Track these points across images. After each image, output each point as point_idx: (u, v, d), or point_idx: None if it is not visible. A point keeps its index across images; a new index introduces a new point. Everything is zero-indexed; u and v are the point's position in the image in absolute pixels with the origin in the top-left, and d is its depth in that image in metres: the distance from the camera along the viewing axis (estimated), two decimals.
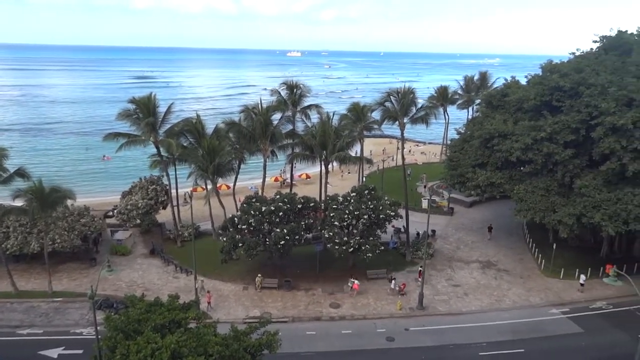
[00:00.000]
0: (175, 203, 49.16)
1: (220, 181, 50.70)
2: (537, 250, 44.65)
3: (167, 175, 47.22)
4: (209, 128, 48.37)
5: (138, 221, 48.22)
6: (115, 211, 49.70)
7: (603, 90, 36.82)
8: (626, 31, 44.45)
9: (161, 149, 45.80)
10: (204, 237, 48.48)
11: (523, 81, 48.54)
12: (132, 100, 45.46)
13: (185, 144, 47.45)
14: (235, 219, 38.82)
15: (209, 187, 47.75)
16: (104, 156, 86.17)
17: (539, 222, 40.36)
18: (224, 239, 38.65)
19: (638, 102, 34.82)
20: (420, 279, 38.81)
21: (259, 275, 38.25)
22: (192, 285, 35.73)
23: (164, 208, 50.55)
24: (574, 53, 47.55)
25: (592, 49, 46.31)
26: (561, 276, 39.88)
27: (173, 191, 48.71)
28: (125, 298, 25.23)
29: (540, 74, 44.59)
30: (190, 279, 37.71)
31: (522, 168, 41.99)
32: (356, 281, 38.09)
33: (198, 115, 48.57)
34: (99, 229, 44.70)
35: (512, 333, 32.50)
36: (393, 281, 38.59)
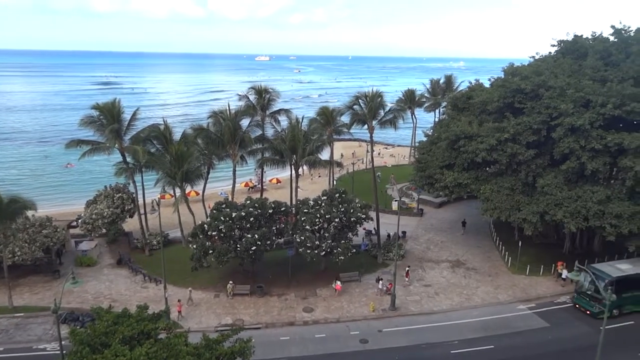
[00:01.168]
0: (142, 211, 48.05)
1: (188, 188, 49.86)
2: (503, 248, 45.89)
3: (134, 182, 46.12)
4: (177, 134, 47.58)
5: (104, 231, 46.85)
6: (79, 221, 48.10)
7: (562, 92, 38.24)
8: (581, 36, 46.34)
9: (127, 156, 44.72)
10: (173, 245, 47.58)
11: (487, 84, 49.88)
12: (96, 107, 44.27)
13: (152, 151, 46.47)
14: (205, 225, 38.24)
15: (178, 194, 46.91)
16: (67, 164, 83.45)
17: (504, 220, 41.46)
18: (194, 246, 38.00)
19: (594, 104, 36.30)
20: (407, 279, 39.96)
21: (231, 282, 37.78)
22: (162, 295, 34.92)
23: (131, 216, 49.31)
24: (533, 57, 49.19)
25: (550, 52, 48.04)
26: (527, 273, 41.09)
27: (140, 199, 47.60)
28: (91, 310, 24.39)
29: (503, 77, 45.95)
30: (160, 288, 36.86)
31: (487, 168, 43.09)
32: (339, 282, 38.40)
33: (165, 121, 47.71)
34: (62, 240, 43.12)
35: (482, 330, 33.24)
36: (380, 281, 39.04)
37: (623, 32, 41.85)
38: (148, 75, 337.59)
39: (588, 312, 34.55)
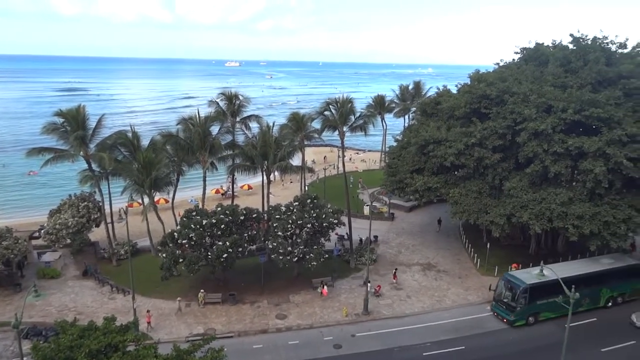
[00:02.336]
0: (109, 220, 46.77)
1: (157, 195, 48.95)
2: (472, 250, 46.86)
3: (100, 191, 44.88)
4: (145, 141, 46.63)
5: (68, 241, 45.38)
6: (42, 231, 46.42)
7: (525, 98, 39.53)
8: (543, 43, 48.10)
9: (92, 164, 43.48)
10: (142, 255, 46.47)
11: (454, 90, 51.05)
12: (59, 113, 42.91)
13: (119, 158, 45.36)
14: (175, 233, 37.55)
15: (146, 201, 45.90)
16: (30, 171, 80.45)
17: (473, 223, 42.41)
18: (164, 255, 37.21)
19: (556, 109, 37.65)
20: (395, 280, 40.62)
21: (202, 290, 37.15)
22: (130, 306, 34.00)
23: (97, 226, 47.93)
24: (498, 63, 50.76)
25: (514, 59, 49.64)
26: (495, 273, 42.01)
27: (107, 207, 46.33)
28: (55, 324, 23.52)
29: (469, 83, 47.15)
30: (128, 299, 35.92)
31: (456, 172, 43.99)
32: (325, 287, 38.50)
33: (132, 128, 46.69)
34: (24, 251, 41.35)
35: (453, 331, 33.76)
36: (369, 284, 39.09)
37: (581, 40, 43.67)
38: (115, 81, 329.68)
39: (505, 320, 34.47)
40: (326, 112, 46.07)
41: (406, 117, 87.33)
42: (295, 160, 55.01)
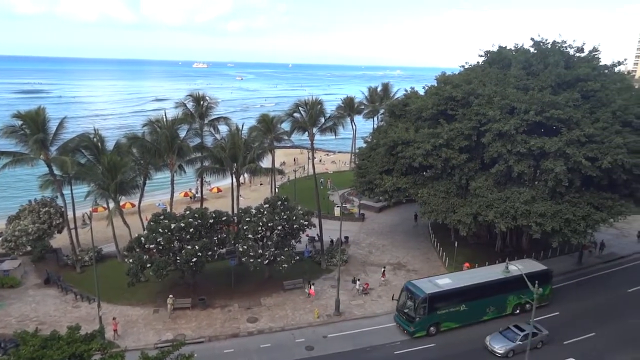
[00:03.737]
0: (72, 226, 45.29)
1: (123, 199, 47.69)
2: (441, 249, 47.75)
3: (62, 195, 43.41)
4: (110, 144, 45.40)
5: (28, 248, 43.66)
6: None
7: (489, 100, 40.61)
8: (505, 47, 49.52)
9: (54, 168, 42.00)
10: (107, 261, 45.21)
11: (421, 92, 51.89)
12: (18, 115, 41.33)
13: (82, 162, 44.02)
14: (142, 238, 36.67)
15: (111, 206, 44.64)
16: None
17: (441, 222, 43.18)
18: (130, 260, 36.28)
19: (518, 110, 38.83)
20: (384, 278, 41.17)
21: (171, 296, 36.39)
22: (96, 314, 32.98)
23: (60, 232, 46.28)
24: (463, 66, 51.89)
25: (478, 62, 50.85)
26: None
27: (70, 213, 44.85)
28: (15, 335, 22.55)
29: (436, 85, 48.06)
30: (93, 306, 34.78)
31: (424, 173, 44.74)
32: (312, 287, 38.68)
33: (96, 130, 45.39)
34: None
35: None
36: (358, 282, 39.83)
37: (541, 44, 45.20)
38: (78, 82, 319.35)
39: (406, 332, 33.43)
40: (295, 114, 45.99)
41: (375, 118, 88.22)
42: (265, 162, 54.72)
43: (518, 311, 36.16)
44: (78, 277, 42.22)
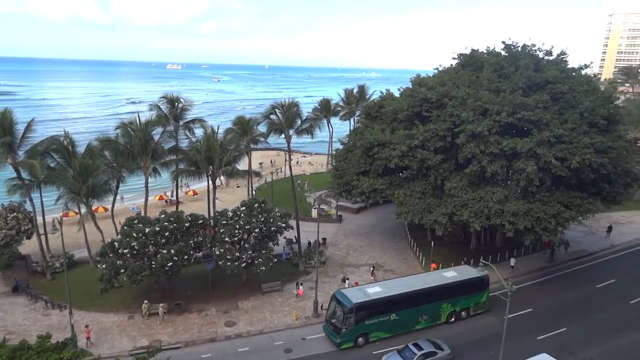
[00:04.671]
0: (42, 231, 43.94)
1: (96, 203, 46.56)
2: (418, 249, 48.31)
3: (31, 200, 42.09)
4: (81, 147, 44.27)
5: None
6: None
7: (463, 102, 41.36)
8: (478, 50, 50.56)
9: (22, 172, 40.68)
10: (79, 267, 44.10)
11: (397, 94, 52.45)
12: None
13: (52, 165, 42.78)
14: (116, 243, 35.90)
15: (83, 210, 43.54)
16: None
17: (417, 222, 43.68)
18: (103, 266, 35.45)
19: (491, 112, 39.67)
20: (373, 277, 41.42)
21: (146, 301, 35.72)
22: (67, 322, 32.08)
23: (29, 238, 44.80)
24: (437, 68, 52.72)
25: (451, 65, 51.75)
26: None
27: (39, 218, 43.53)
28: None
29: (411, 87, 48.64)
30: (65, 314, 33.88)
31: (400, 174, 45.20)
32: (301, 287, 38.67)
33: (66, 133, 44.20)
34: None
35: None
36: (347, 281, 40.18)
37: (512, 47, 46.34)
38: (48, 84, 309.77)
39: (333, 343, 32.16)
40: (272, 116, 45.86)
41: (351, 120, 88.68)
42: (242, 165, 54.33)
43: (453, 319, 35.37)
44: (48, 284, 41.01)
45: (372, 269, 43.55)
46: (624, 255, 49.36)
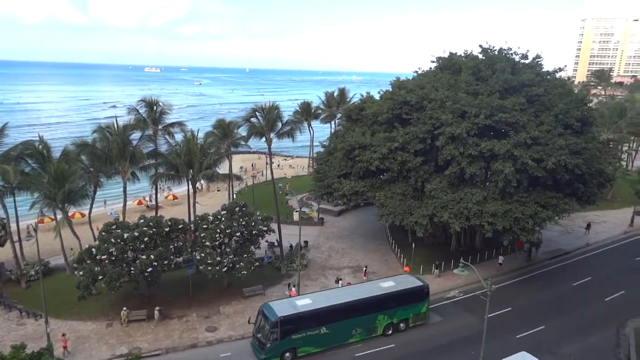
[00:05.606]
0: (16, 238, 42.76)
1: (72, 209, 45.56)
2: (399, 250, 48.64)
3: (4, 206, 40.95)
4: (57, 151, 43.31)
5: None
6: None
7: (442, 104, 41.89)
8: (456, 53, 51.36)
9: None
10: (56, 274, 43.06)
11: (377, 96, 52.85)
12: None
13: (26, 170, 41.70)
14: (93, 249, 35.15)
15: (59, 216, 42.55)
16: None
17: (398, 224, 44.00)
18: (80, 273, 34.68)
19: (469, 114, 40.29)
20: (366, 277, 41.66)
21: (125, 308, 35.07)
22: (43, 331, 31.25)
23: (2, 245, 43.39)
24: (416, 71, 53.36)
25: (430, 68, 52.45)
26: (421, 272, 43.89)
27: (13, 225, 42.35)
28: None
29: (391, 90, 49.07)
30: (40, 323, 33.00)
31: (381, 176, 45.47)
32: (294, 289, 38.57)
33: (41, 137, 43.20)
34: None
35: None
36: (340, 281, 40.25)
37: (489, 51, 47.19)
38: (22, 87, 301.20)
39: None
40: (253, 119, 45.67)
41: (332, 123, 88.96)
42: (222, 168, 53.89)
43: (391, 332, 34.03)
44: (23, 292, 39.91)
45: (364, 268, 43.79)
46: (599, 254, 50.65)
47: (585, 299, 39.87)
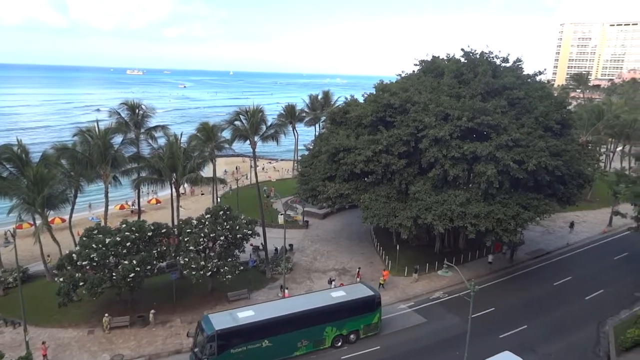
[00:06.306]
0: None
1: (52, 214, 44.69)
2: (384, 252, 48.81)
3: None
4: (36, 155, 42.47)
5: None
6: None
7: (425, 107, 42.26)
8: (438, 56, 51.90)
9: None
10: (35, 281, 42.21)
11: (361, 99, 53.04)
12: None
13: (3, 175, 40.80)
14: (74, 255, 34.51)
15: (38, 222, 41.68)
16: None
17: (383, 226, 44.16)
18: (61, 279, 34.01)
19: (452, 117, 40.73)
20: (359, 279, 41.55)
21: (106, 314, 34.48)
22: (22, 339, 30.56)
23: None
24: (400, 74, 53.74)
25: (413, 71, 52.88)
26: (405, 274, 44.16)
27: None
28: None
29: (375, 92, 49.33)
30: (19, 331, 32.21)
31: (365, 178, 45.60)
32: (287, 291, 38.43)
33: (19, 141, 42.33)
34: None
35: None
36: (333, 282, 40.44)
37: (471, 54, 47.82)
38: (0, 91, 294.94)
39: None
40: (236, 122, 45.43)
41: (317, 126, 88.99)
42: (206, 172, 53.44)
43: (340, 343, 32.70)
44: (1, 300, 38.94)
45: (358, 269, 43.93)
46: (579, 253, 51.61)
47: (566, 298, 40.55)
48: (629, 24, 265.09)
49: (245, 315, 30.59)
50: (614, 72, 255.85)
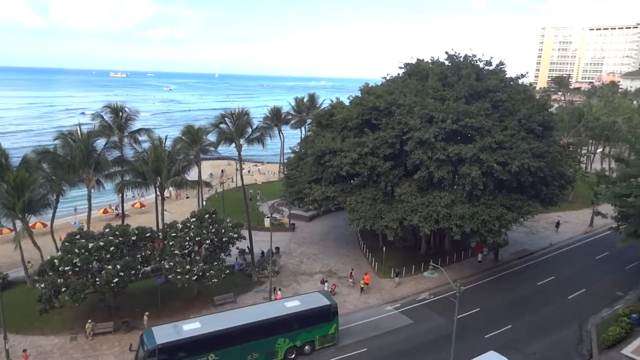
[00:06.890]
0: None
1: (33, 219, 43.85)
2: (370, 254, 48.93)
3: None
4: (16, 159, 41.64)
5: None
6: None
7: (410, 110, 42.56)
8: (423, 59, 52.34)
9: None
10: (15, 287, 41.31)
11: (347, 102, 53.20)
12: None
13: None
14: (56, 260, 33.87)
15: (19, 227, 40.84)
16: None
17: (369, 228, 44.30)
18: (42, 285, 33.35)
19: (437, 119, 41.09)
20: (352, 279, 42.02)
21: (90, 320, 33.92)
22: (2, 347, 29.85)
23: None
24: (385, 77, 54.05)
25: (398, 74, 53.23)
26: (392, 275, 44.33)
27: None
28: None
29: (360, 95, 49.52)
30: None
31: (351, 181, 45.70)
32: (280, 292, 38.39)
33: None
34: None
35: (355, 335, 34.79)
36: (326, 283, 40.38)
37: (455, 57, 48.35)
38: None
39: None
40: (222, 125, 45.19)
41: (303, 128, 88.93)
42: (191, 175, 53.07)
43: (294, 356, 31.70)
44: None
45: (351, 270, 44.02)
46: (562, 253, 52.46)
47: (549, 297, 41.14)
48: (607, 28, 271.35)
49: (191, 327, 29.22)
50: (594, 75, 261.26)
